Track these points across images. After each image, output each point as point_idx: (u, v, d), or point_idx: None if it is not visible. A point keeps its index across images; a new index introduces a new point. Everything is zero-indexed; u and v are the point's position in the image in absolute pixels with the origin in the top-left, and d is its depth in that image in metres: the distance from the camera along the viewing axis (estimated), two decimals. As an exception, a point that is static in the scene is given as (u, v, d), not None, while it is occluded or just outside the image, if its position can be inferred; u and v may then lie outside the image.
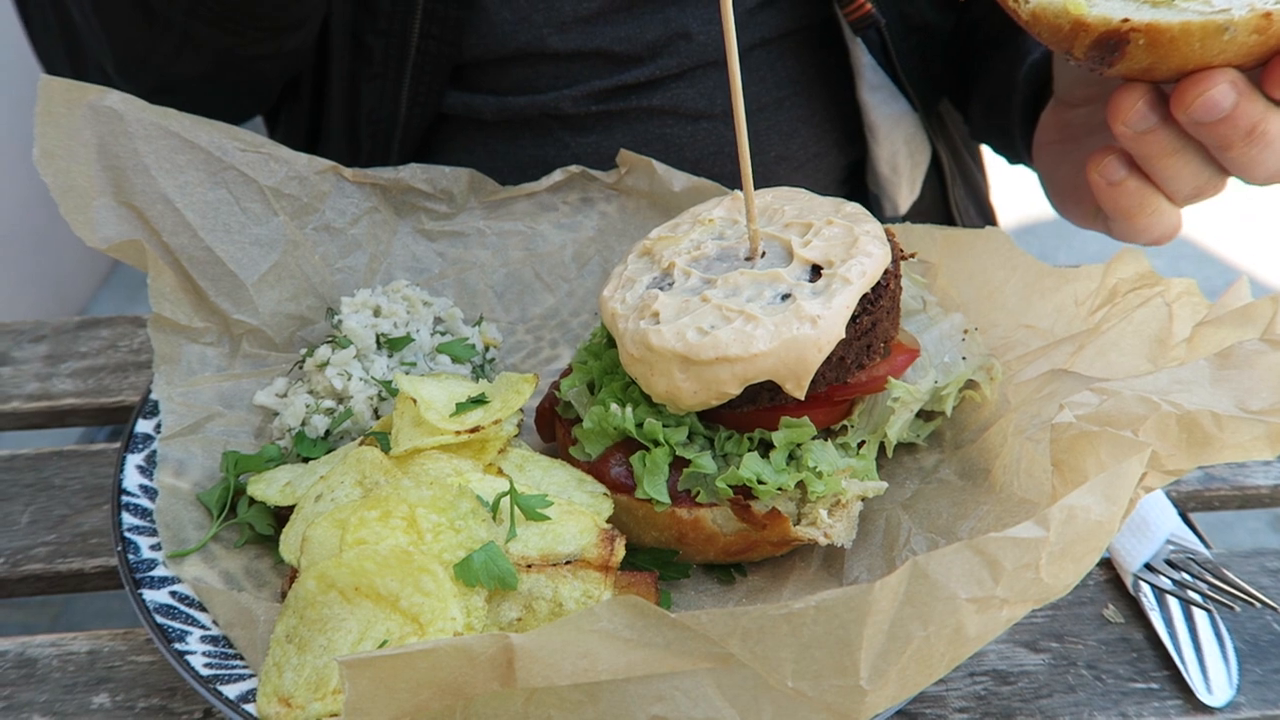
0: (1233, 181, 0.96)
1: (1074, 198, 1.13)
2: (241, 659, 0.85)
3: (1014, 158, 1.48)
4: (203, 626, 0.88)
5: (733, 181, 0.97)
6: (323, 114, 1.48)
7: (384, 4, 1.32)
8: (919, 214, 1.58)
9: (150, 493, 0.99)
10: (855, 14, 1.34)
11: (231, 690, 0.81)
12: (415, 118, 1.40)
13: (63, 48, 1.36)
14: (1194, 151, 0.90)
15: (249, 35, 1.25)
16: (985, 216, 1.72)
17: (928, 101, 1.50)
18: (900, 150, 1.49)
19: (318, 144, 1.51)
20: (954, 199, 1.58)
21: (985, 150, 1.73)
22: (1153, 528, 1.02)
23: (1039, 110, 1.23)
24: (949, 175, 1.57)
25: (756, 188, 0.98)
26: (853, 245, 0.94)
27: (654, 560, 0.96)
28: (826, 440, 0.94)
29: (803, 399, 0.90)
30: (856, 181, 1.56)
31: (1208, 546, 1.04)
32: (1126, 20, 0.80)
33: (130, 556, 0.92)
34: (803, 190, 1.07)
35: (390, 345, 1.12)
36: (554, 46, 1.36)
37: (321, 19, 1.34)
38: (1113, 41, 0.81)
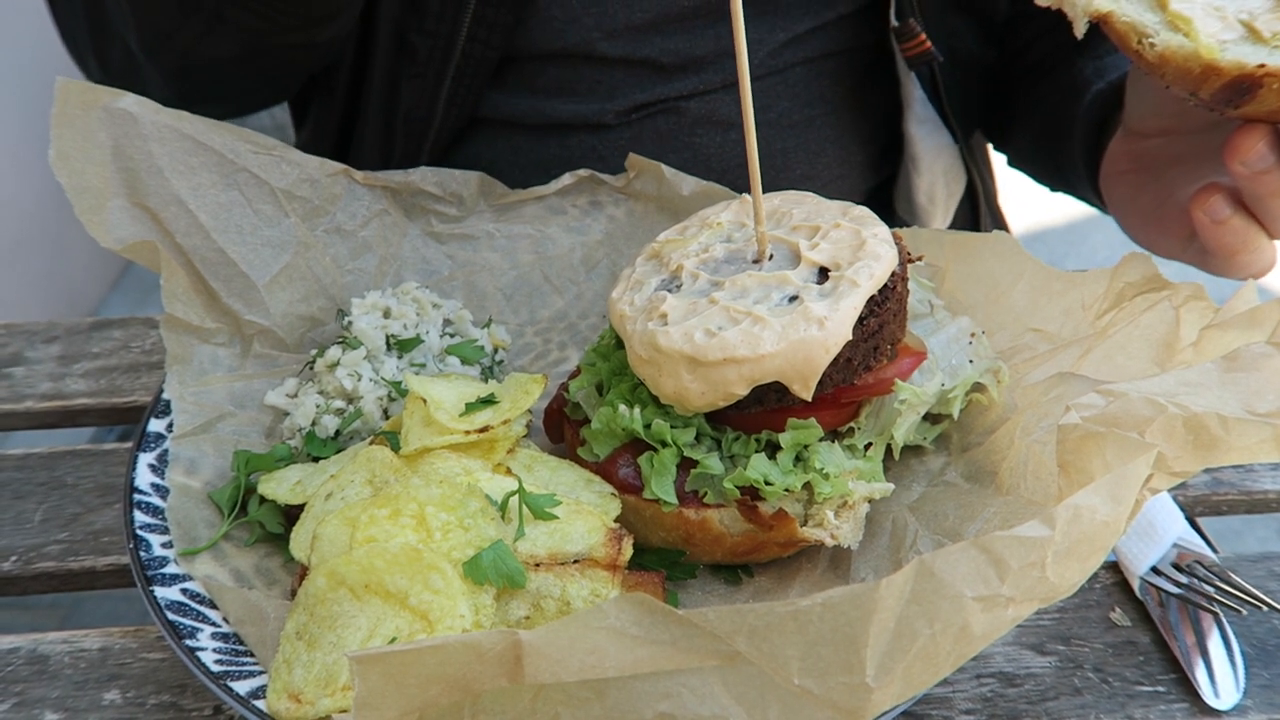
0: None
1: (1159, 229, 1.12)
2: (252, 656, 0.86)
3: (1056, 186, 1.48)
4: (213, 623, 0.88)
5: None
6: (358, 110, 1.47)
7: (433, 4, 1.31)
8: None
9: (162, 491, 1.00)
10: (914, 50, 1.34)
11: (242, 686, 0.82)
12: (451, 119, 1.39)
13: (85, 21, 1.34)
14: None
15: (281, 22, 1.23)
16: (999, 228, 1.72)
17: (967, 133, 1.52)
18: (939, 180, 1.50)
19: (350, 140, 1.50)
20: (985, 228, 1.59)
21: (993, 156, 1.74)
22: (1159, 531, 1.02)
23: (1102, 141, 1.23)
24: (982, 204, 1.58)
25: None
26: (860, 248, 0.94)
27: (661, 560, 0.96)
28: (833, 442, 0.95)
29: (810, 400, 0.90)
30: (878, 205, 1.57)
31: (1215, 551, 1.04)
32: (1263, 65, 0.79)
33: (142, 554, 0.93)
34: (810, 194, 1.08)
35: (400, 346, 1.13)
36: (601, 51, 1.35)
37: (357, 13, 1.31)
38: (1245, 85, 0.81)
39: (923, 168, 1.47)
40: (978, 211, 1.59)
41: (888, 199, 1.58)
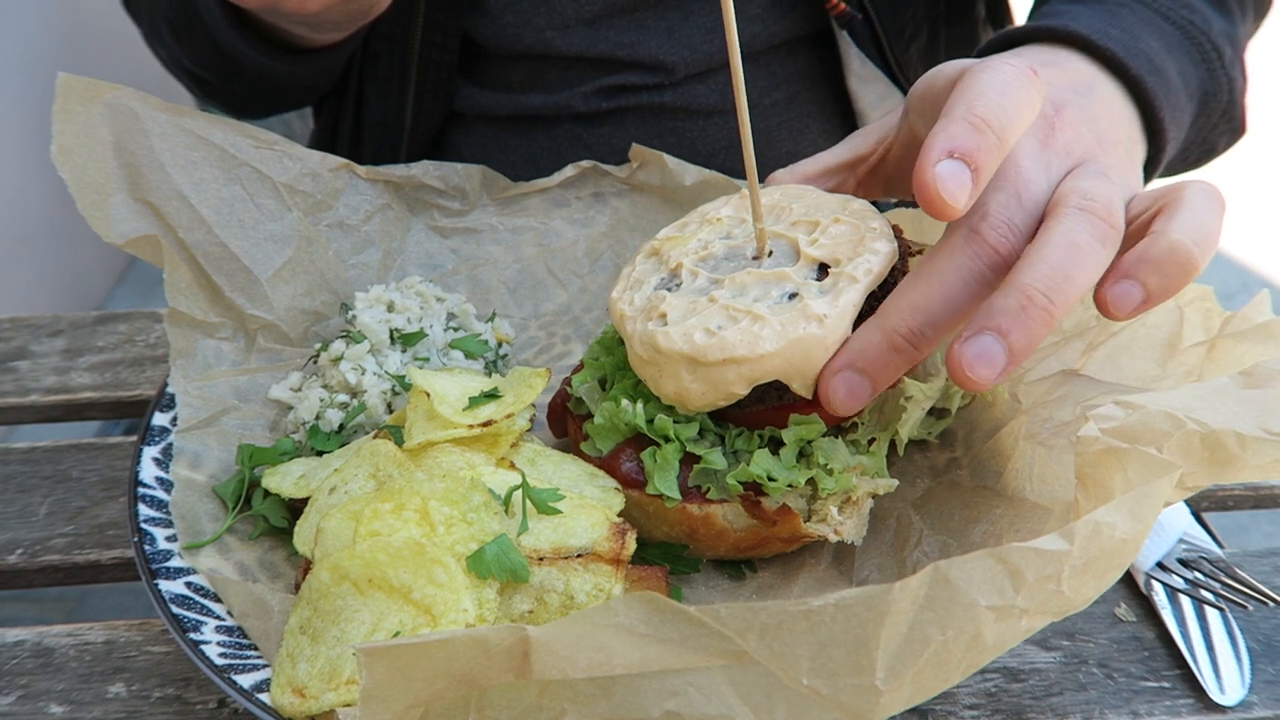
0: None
1: None
2: (256, 649, 0.86)
3: None
4: (218, 617, 0.88)
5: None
6: (336, 112, 1.49)
7: (387, 10, 1.32)
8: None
9: (166, 485, 1.00)
10: (834, 12, 1.37)
11: (246, 680, 0.82)
12: (422, 123, 1.41)
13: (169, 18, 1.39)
14: None
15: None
16: None
17: None
18: None
19: (334, 144, 1.52)
20: None
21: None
22: (1165, 527, 1.02)
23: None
24: None
25: (765, 185, 0.98)
26: (859, 243, 0.93)
27: (664, 555, 0.97)
28: (837, 437, 0.94)
29: (811, 398, 0.90)
30: None
31: (1221, 546, 1.03)
32: None
33: (146, 547, 0.93)
34: (810, 188, 1.07)
35: (404, 340, 1.13)
36: (559, 48, 1.37)
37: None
38: None
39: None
40: None
41: None
